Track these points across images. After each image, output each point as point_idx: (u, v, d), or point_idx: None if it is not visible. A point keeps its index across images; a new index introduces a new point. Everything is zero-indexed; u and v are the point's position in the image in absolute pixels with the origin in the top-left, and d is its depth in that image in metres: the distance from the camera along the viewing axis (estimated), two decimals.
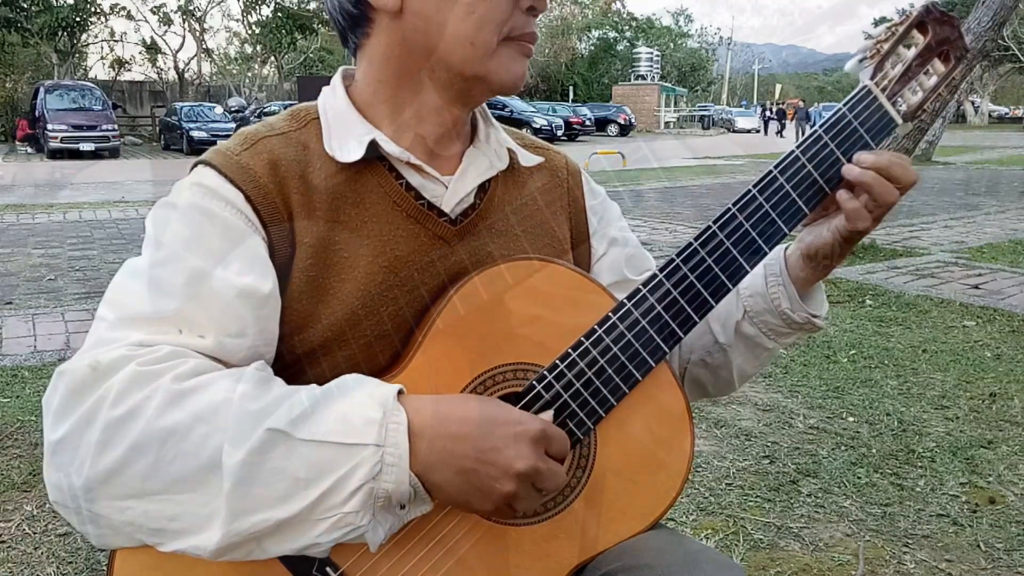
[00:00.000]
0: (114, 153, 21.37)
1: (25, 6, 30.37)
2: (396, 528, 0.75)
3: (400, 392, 0.75)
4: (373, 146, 0.85)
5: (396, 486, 0.71)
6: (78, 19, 32.41)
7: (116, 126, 22.33)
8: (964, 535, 2.35)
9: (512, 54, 0.85)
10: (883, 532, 2.36)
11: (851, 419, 3.21)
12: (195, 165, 0.85)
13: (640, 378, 0.84)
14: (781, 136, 32.23)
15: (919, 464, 2.80)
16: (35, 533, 2.32)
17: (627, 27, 56.35)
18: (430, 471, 0.73)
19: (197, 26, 40.42)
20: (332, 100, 0.89)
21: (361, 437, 0.70)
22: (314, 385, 0.75)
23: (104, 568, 2.16)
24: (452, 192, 0.89)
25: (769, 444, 2.96)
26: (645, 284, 0.85)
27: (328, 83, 0.93)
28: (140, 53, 43.03)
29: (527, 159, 0.96)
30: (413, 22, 0.83)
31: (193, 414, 0.69)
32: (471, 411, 0.76)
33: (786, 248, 0.96)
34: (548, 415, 0.82)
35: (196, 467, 0.68)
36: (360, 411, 0.72)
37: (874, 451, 2.91)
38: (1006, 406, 3.36)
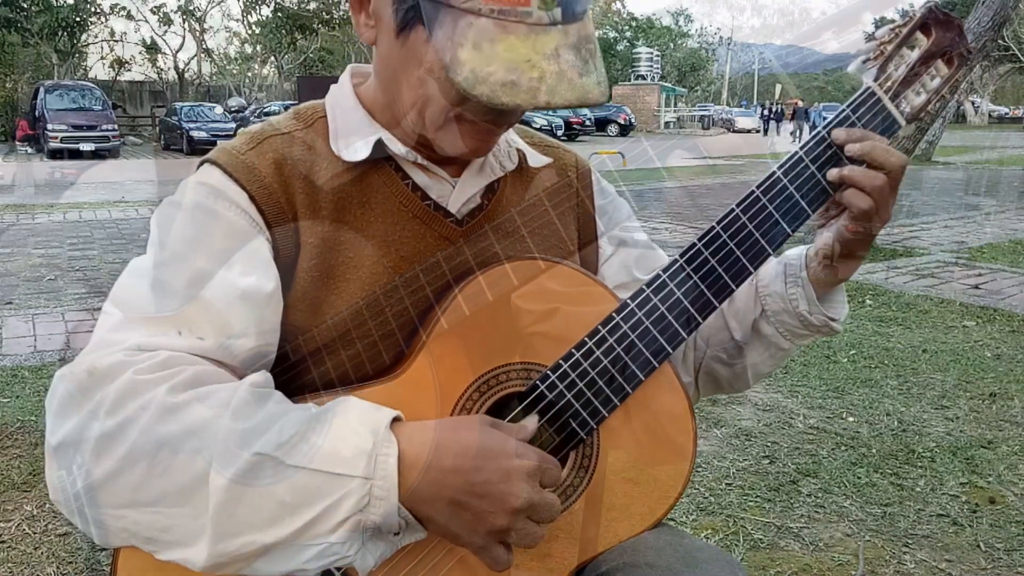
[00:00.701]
0: (114, 153, 21.34)
1: (25, 6, 30.40)
2: (389, 554, 0.74)
3: (396, 419, 0.73)
4: (379, 146, 0.84)
5: (384, 519, 0.69)
6: (78, 19, 32.48)
7: (116, 126, 22.32)
8: (964, 535, 2.35)
9: (466, 130, 0.80)
10: (883, 532, 2.36)
11: (851, 419, 3.21)
12: (201, 163, 0.85)
13: (643, 378, 0.84)
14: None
15: (919, 464, 2.80)
16: (35, 533, 2.32)
17: (627, 27, 56.35)
18: (420, 504, 0.71)
19: (197, 26, 40.50)
20: (340, 99, 0.89)
21: (350, 468, 0.68)
22: (310, 404, 0.74)
23: (104, 568, 2.16)
24: (459, 193, 0.89)
25: (769, 444, 2.96)
26: (649, 284, 0.85)
27: (329, 83, 0.92)
28: (140, 53, 43.14)
29: (536, 159, 0.95)
30: (383, 62, 0.83)
31: (184, 429, 0.68)
32: (467, 441, 0.73)
33: (809, 249, 0.95)
34: (532, 419, 0.80)
35: (184, 482, 0.67)
36: (351, 440, 0.70)
37: (874, 451, 2.91)
38: (1006, 406, 3.36)
